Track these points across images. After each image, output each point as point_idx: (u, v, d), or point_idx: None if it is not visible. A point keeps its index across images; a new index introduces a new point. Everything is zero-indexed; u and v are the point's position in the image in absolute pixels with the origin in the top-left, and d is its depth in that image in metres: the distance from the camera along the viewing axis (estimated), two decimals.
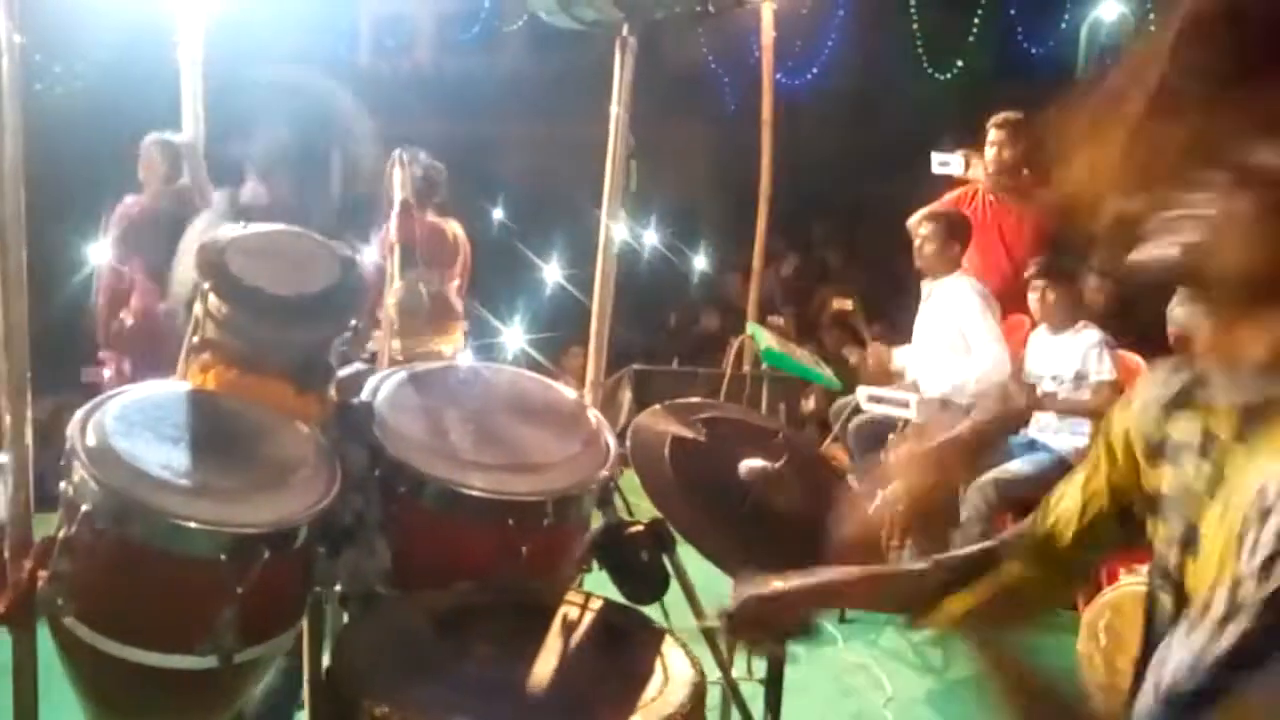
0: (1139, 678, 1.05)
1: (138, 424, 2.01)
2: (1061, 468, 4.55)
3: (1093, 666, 3.33)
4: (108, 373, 5.30)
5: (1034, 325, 4.94)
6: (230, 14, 4.93)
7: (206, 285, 2.22)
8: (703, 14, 3.59)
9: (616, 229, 3.20)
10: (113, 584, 1.88)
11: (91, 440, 1.94)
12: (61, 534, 1.90)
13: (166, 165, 5.20)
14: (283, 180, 3.17)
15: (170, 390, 2.20)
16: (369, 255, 4.25)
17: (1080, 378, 4.62)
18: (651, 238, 7.52)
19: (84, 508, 1.86)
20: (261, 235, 2.37)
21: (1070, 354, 4.65)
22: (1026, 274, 4.85)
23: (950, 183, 5.65)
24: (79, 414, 2.00)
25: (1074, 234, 1.06)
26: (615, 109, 3.14)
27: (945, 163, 5.60)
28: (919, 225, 5.09)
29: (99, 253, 5.36)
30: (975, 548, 1.36)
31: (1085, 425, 4.56)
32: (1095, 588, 3.60)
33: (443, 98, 9.89)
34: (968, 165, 5.54)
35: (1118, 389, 4.34)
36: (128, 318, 5.23)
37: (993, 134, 5.45)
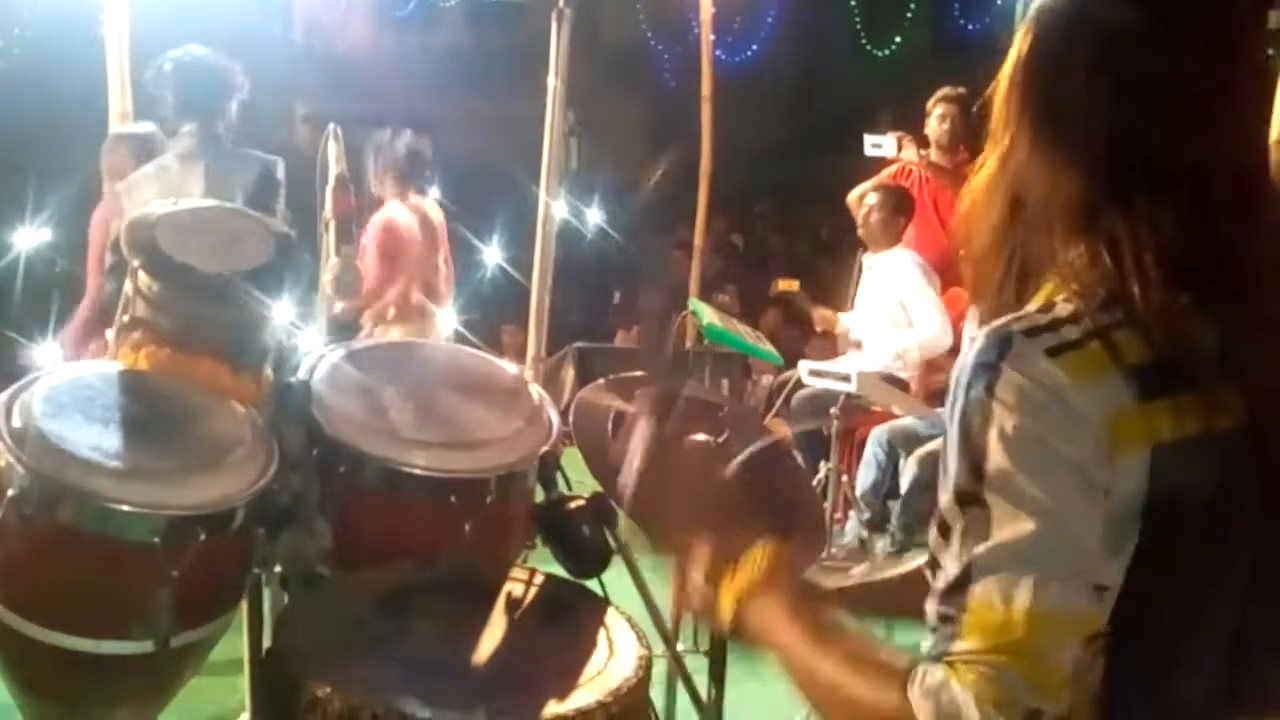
0: None
1: (66, 405, 1.96)
2: None
3: None
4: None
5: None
6: None
7: (136, 263, 2.16)
8: None
9: (556, 206, 3.18)
10: (42, 569, 1.84)
11: (17, 422, 1.88)
12: None
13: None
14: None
15: (100, 370, 2.15)
16: None
17: None
18: (595, 215, 7.46)
19: (10, 492, 1.81)
20: (193, 211, 2.32)
21: None
22: None
23: (885, 161, 5.68)
24: (3, 396, 1.94)
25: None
26: (552, 81, 3.11)
27: (878, 145, 5.63)
28: (865, 196, 5.12)
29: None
30: None
31: None
32: None
33: (378, 74, 9.75)
34: (900, 147, 5.58)
35: None
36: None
37: (939, 109, 5.48)
